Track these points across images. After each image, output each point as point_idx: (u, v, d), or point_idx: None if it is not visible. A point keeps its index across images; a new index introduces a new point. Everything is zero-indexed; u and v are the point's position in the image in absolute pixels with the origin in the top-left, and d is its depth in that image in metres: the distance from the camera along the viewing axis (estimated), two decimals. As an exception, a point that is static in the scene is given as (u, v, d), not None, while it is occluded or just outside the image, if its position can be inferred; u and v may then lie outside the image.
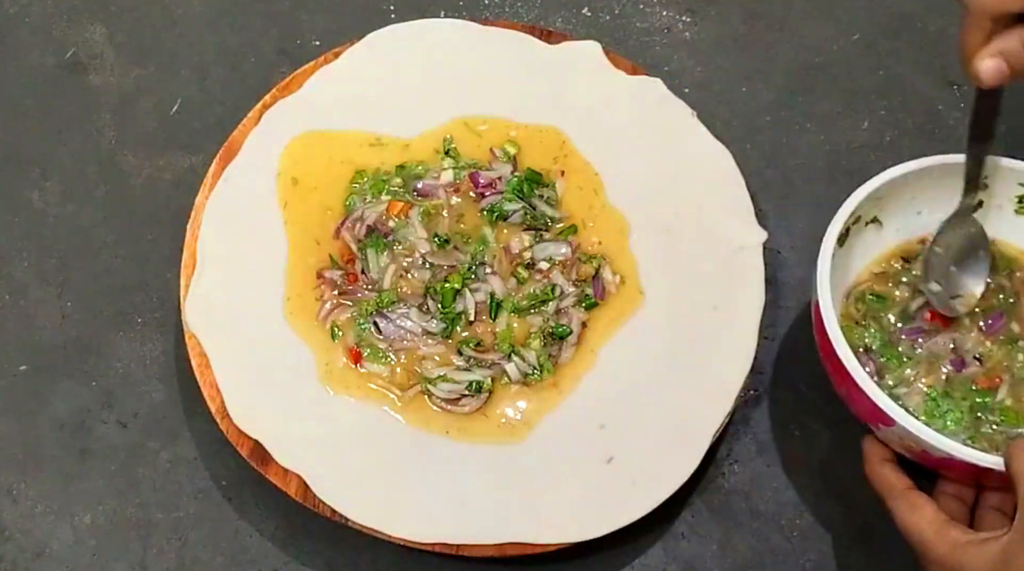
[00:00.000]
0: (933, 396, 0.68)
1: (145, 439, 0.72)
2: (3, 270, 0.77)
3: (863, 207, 0.68)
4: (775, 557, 0.69)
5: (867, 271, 0.71)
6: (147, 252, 0.77)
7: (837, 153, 0.80)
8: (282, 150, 0.75)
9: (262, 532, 0.70)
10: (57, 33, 0.85)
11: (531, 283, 0.72)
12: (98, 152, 0.81)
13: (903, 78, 0.82)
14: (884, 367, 0.69)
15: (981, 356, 0.69)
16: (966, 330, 0.69)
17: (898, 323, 0.70)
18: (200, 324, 0.70)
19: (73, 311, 0.76)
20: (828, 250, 0.65)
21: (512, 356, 0.70)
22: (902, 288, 0.71)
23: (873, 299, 0.70)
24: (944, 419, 0.67)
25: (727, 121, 0.80)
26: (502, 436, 0.69)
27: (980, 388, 0.68)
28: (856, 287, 0.71)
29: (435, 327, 0.71)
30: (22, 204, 0.79)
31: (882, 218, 0.70)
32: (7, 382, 0.74)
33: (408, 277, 0.72)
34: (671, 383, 0.69)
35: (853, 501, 0.70)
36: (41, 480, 0.71)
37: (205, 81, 0.83)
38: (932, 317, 0.70)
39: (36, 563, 0.69)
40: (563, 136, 0.76)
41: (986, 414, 0.67)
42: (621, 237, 0.74)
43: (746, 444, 0.72)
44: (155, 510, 0.70)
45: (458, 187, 0.75)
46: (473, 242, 0.73)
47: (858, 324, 0.70)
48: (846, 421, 0.72)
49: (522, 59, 0.78)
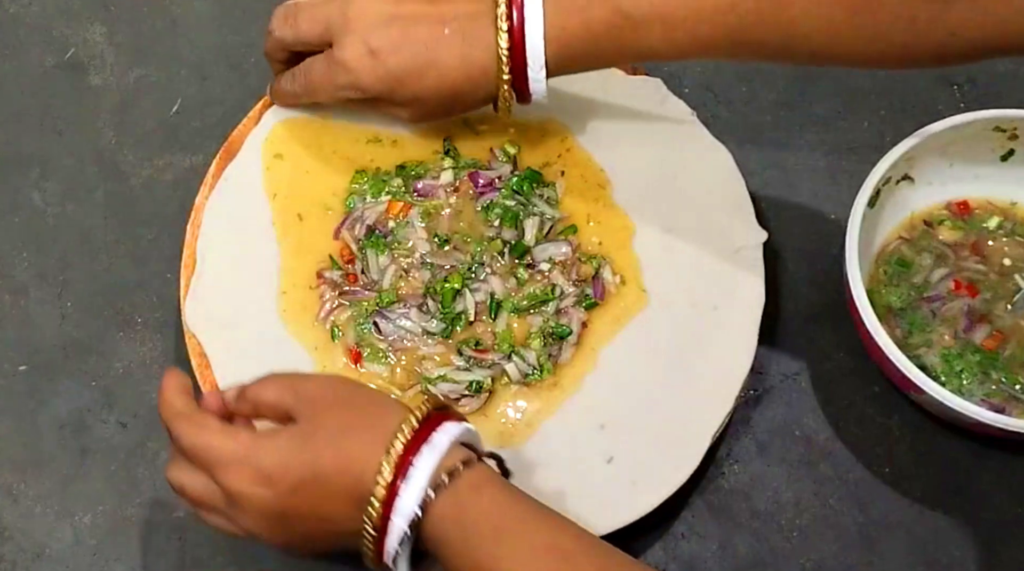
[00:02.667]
0: (948, 356, 0.70)
1: (145, 439, 0.72)
2: (3, 270, 0.77)
3: (895, 167, 0.69)
4: (775, 557, 0.69)
5: (895, 233, 0.74)
6: (147, 252, 0.77)
7: (837, 153, 0.80)
8: (269, 130, 0.76)
9: (262, 532, 0.69)
10: (57, 33, 0.85)
11: (531, 283, 0.72)
12: (98, 152, 0.81)
13: (903, 78, 0.82)
14: (909, 330, 0.71)
15: (992, 319, 0.71)
16: (990, 303, 0.72)
17: (922, 289, 0.72)
18: (200, 324, 0.70)
19: (73, 311, 0.76)
20: (858, 213, 0.68)
21: (512, 356, 0.70)
22: (925, 255, 0.73)
23: (900, 265, 0.73)
24: (960, 378, 0.70)
25: (727, 121, 0.80)
26: (502, 436, 0.69)
27: (988, 350, 0.70)
28: (884, 249, 0.73)
29: (435, 327, 0.71)
30: (22, 204, 0.79)
31: (913, 175, 0.72)
32: (7, 382, 0.74)
33: (408, 277, 0.72)
34: (671, 383, 0.69)
35: (854, 501, 0.70)
36: (41, 480, 0.71)
37: (205, 81, 0.83)
38: (957, 287, 0.72)
39: (36, 563, 0.69)
40: (565, 128, 0.76)
41: (991, 371, 0.70)
42: (625, 237, 0.74)
43: (746, 444, 0.72)
44: (155, 510, 0.70)
45: (458, 187, 0.75)
46: (473, 242, 0.73)
47: (886, 286, 0.72)
48: (846, 421, 0.72)
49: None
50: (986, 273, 0.73)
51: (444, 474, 0.55)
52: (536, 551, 0.54)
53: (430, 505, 0.55)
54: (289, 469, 0.56)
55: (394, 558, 0.56)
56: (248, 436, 0.58)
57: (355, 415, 0.58)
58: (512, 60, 0.66)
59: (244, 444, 0.57)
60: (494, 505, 0.56)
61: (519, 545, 0.55)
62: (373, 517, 0.55)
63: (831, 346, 0.74)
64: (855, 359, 0.73)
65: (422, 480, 0.55)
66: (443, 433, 0.56)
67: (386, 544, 0.56)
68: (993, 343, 0.70)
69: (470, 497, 0.55)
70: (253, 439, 0.58)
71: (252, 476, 0.56)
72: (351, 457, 0.56)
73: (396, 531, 0.55)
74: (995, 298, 0.72)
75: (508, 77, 0.67)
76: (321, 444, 0.56)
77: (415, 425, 0.56)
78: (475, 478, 0.56)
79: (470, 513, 0.55)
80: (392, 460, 0.55)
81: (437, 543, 0.55)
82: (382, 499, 0.55)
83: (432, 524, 0.55)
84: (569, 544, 0.56)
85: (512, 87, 0.67)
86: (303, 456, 0.56)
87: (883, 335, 0.65)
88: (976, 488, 0.70)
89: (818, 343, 0.74)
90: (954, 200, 0.75)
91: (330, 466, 0.56)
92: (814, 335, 0.74)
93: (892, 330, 0.71)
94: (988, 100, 0.80)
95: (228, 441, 0.57)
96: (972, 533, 0.69)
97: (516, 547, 0.55)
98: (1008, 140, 0.72)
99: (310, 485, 0.56)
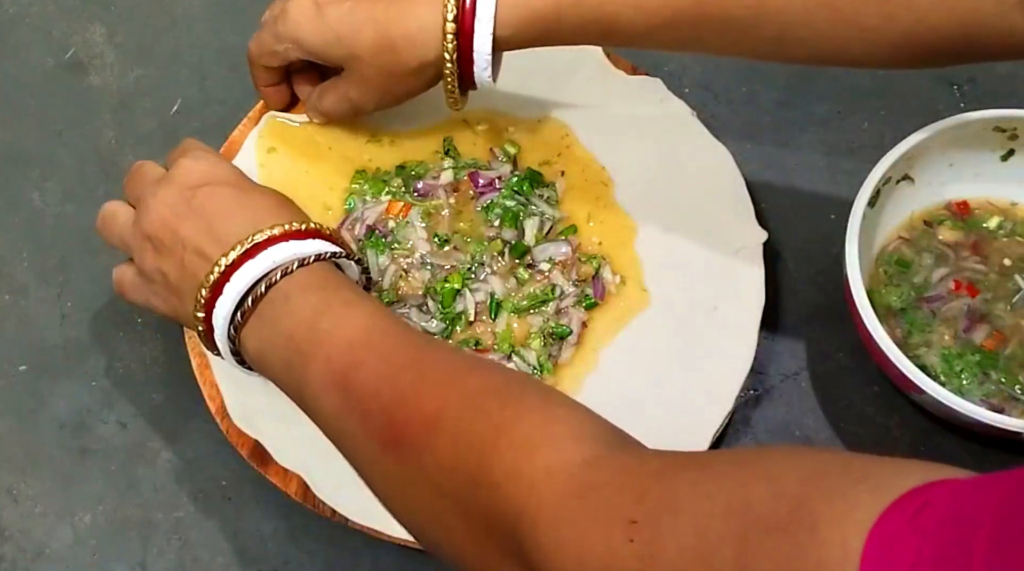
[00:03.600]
0: (947, 356, 0.70)
1: (145, 439, 0.72)
2: (3, 270, 0.77)
3: (895, 168, 0.69)
4: (775, 557, 0.69)
5: (895, 233, 0.74)
6: (147, 252, 0.77)
7: (837, 153, 0.80)
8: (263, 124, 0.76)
9: (262, 532, 0.70)
10: (57, 33, 0.85)
11: (531, 283, 0.72)
12: (98, 152, 0.81)
13: (903, 78, 0.82)
14: (909, 330, 0.71)
15: (992, 319, 0.71)
16: (990, 303, 0.72)
17: (922, 290, 0.72)
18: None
19: (73, 311, 0.76)
20: (858, 213, 0.67)
21: (512, 356, 0.70)
22: (925, 255, 0.73)
23: (900, 265, 0.73)
24: (960, 378, 0.69)
25: (727, 121, 0.80)
26: (502, 436, 0.69)
27: (988, 350, 0.70)
28: (884, 249, 0.73)
29: (435, 327, 0.71)
30: (22, 204, 0.79)
31: (913, 174, 0.72)
32: (7, 382, 0.74)
33: (408, 277, 0.72)
34: (671, 383, 0.69)
35: (853, 501, 0.70)
36: (41, 480, 0.71)
37: (205, 81, 0.83)
38: (956, 287, 0.72)
39: (36, 563, 0.69)
40: (565, 127, 0.76)
41: (991, 372, 0.70)
42: (627, 236, 0.74)
43: (746, 444, 0.72)
44: (155, 510, 0.70)
45: (458, 187, 0.75)
46: (473, 242, 0.73)
47: (886, 286, 0.72)
48: (846, 421, 0.72)
49: (522, 59, 0.78)
50: (986, 273, 0.73)
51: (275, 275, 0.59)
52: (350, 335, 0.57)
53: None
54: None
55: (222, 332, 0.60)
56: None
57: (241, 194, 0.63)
58: (460, 17, 0.64)
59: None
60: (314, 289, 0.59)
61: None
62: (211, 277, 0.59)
63: (831, 346, 0.74)
64: (855, 359, 0.73)
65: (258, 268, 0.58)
66: (304, 245, 0.60)
67: (214, 313, 0.59)
68: (993, 343, 0.70)
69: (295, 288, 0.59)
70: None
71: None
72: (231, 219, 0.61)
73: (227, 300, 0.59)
74: (995, 298, 0.72)
75: (453, 26, 0.64)
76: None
77: (286, 230, 0.60)
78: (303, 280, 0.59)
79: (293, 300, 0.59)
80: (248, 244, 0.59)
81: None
82: (223, 265, 0.59)
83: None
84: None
85: (456, 53, 0.65)
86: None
87: (883, 335, 0.65)
88: (976, 488, 0.70)
89: (818, 343, 0.74)
90: (954, 200, 0.75)
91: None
92: (814, 335, 0.74)
93: (892, 330, 0.71)
94: (988, 100, 0.80)
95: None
96: (972, 533, 0.69)
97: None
98: (1008, 140, 0.72)
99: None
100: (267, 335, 0.59)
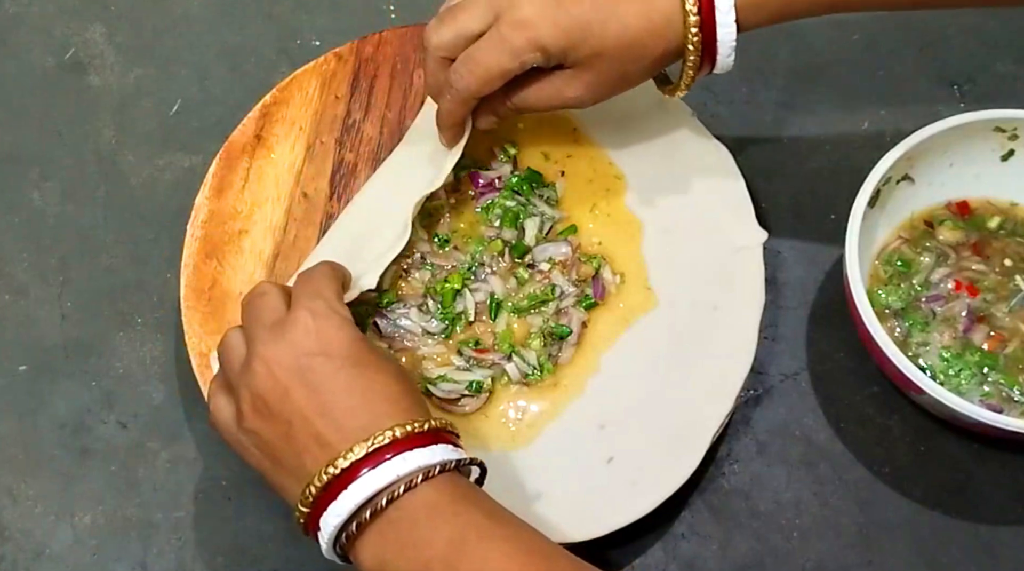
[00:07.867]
0: (946, 356, 0.70)
1: (145, 439, 0.72)
2: (3, 270, 0.77)
3: (895, 168, 0.69)
4: (775, 557, 0.69)
5: (895, 233, 0.74)
6: (147, 252, 0.77)
7: (837, 153, 0.80)
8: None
9: (262, 532, 0.70)
10: (57, 33, 0.85)
11: (531, 283, 0.72)
12: (98, 152, 0.81)
13: (903, 78, 0.82)
14: (909, 330, 0.71)
15: (992, 320, 0.71)
16: (990, 303, 0.72)
17: (922, 290, 0.72)
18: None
19: (73, 311, 0.76)
20: (858, 213, 0.68)
21: (512, 356, 0.70)
22: (925, 255, 0.73)
23: (900, 265, 0.72)
24: (959, 378, 0.69)
25: (727, 121, 0.80)
26: (502, 436, 0.69)
27: (988, 351, 0.70)
28: (884, 249, 0.73)
29: (435, 327, 0.71)
30: (22, 204, 0.79)
31: (913, 175, 0.72)
32: (7, 382, 0.74)
33: (408, 277, 0.72)
34: (671, 383, 0.69)
35: (854, 501, 0.70)
36: (41, 480, 0.71)
37: (205, 81, 0.83)
38: (957, 287, 0.72)
39: (36, 563, 0.69)
40: (573, 122, 0.76)
41: (991, 372, 0.70)
42: (632, 234, 0.73)
43: (746, 444, 0.72)
44: (155, 510, 0.70)
45: (458, 187, 0.75)
46: (473, 242, 0.73)
47: (886, 285, 0.72)
48: (846, 421, 0.72)
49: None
50: (986, 273, 0.73)
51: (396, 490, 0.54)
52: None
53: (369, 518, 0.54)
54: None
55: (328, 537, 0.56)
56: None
57: (369, 378, 0.58)
58: (701, 6, 0.61)
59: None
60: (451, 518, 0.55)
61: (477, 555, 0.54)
62: (318, 484, 0.55)
63: (831, 346, 0.74)
64: (855, 359, 0.73)
65: (380, 480, 0.54)
66: (428, 452, 0.55)
67: (322, 520, 0.55)
68: (993, 344, 0.70)
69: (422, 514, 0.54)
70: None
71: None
72: (349, 411, 0.56)
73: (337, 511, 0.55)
74: (995, 298, 0.72)
75: (696, 18, 0.61)
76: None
77: (409, 432, 0.55)
78: (427, 498, 0.55)
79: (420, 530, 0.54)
80: (367, 448, 0.54)
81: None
82: (334, 475, 0.54)
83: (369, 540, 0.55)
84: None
85: (700, 40, 0.62)
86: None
87: (883, 335, 0.65)
88: (976, 488, 0.70)
89: (818, 343, 0.74)
90: (954, 200, 0.75)
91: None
92: (814, 335, 0.74)
93: (892, 330, 0.71)
94: (988, 100, 0.80)
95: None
96: (972, 533, 0.69)
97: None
98: (1008, 140, 0.72)
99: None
100: (391, 557, 0.55)
